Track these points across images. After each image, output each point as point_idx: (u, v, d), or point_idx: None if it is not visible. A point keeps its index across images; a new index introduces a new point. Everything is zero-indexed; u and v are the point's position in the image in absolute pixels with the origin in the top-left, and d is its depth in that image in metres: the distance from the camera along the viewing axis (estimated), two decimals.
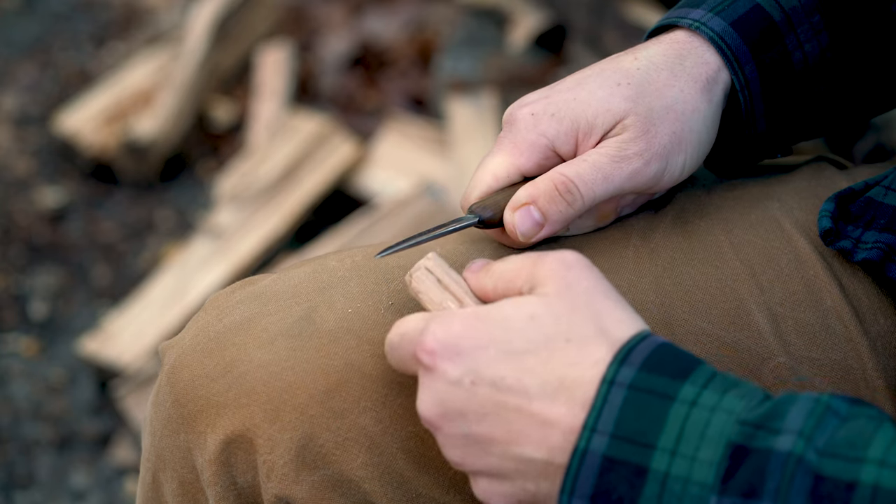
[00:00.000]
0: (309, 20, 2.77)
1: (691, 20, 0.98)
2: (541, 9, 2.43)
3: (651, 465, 0.75)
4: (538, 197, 0.93)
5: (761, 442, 0.74)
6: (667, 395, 0.77)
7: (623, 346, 0.79)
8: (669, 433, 0.76)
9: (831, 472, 0.72)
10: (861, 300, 0.96)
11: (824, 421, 0.74)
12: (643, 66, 0.96)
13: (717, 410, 0.76)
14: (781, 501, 0.72)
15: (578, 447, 0.77)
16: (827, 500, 0.72)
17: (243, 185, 2.31)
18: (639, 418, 0.76)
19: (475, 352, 0.80)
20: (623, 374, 0.77)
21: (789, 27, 0.98)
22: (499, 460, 0.80)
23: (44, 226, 2.42)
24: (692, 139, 0.96)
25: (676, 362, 0.78)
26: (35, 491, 1.97)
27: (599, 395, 0.77)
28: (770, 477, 0.73)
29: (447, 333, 0.81)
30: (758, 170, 1.06)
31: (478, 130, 2.32)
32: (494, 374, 0.79)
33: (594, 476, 0.76)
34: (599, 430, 0.77)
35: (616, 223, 1.00)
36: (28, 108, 2.68)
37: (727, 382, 0.78)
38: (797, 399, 0.76)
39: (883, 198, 0.97)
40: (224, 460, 0.93)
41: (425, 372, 0.82)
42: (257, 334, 0.94)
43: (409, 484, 0.93)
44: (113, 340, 2.09)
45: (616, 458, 0.76)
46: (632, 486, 0.76)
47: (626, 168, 0.93)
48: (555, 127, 0.95)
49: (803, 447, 0.73)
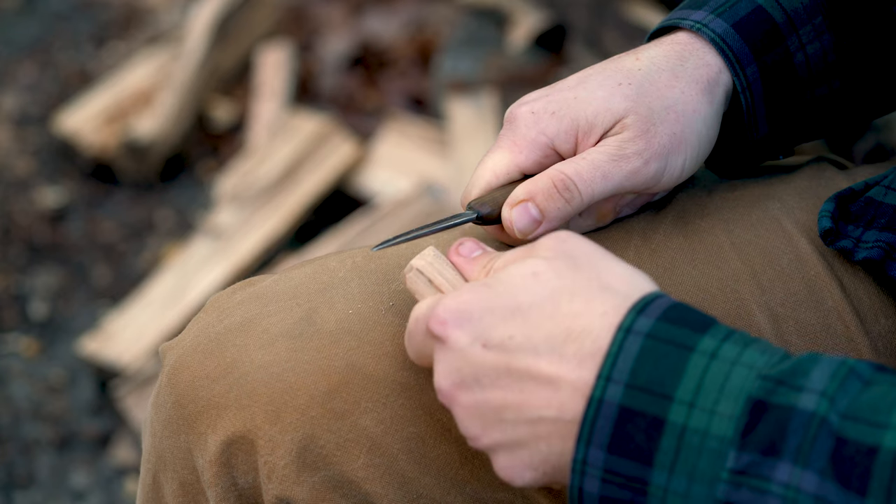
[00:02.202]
0: (309, 20, 2.77)
1: (693, 21, 0.98)
2: (541, 9, 2.43)
3: (669, 417, 0.75)
4: (536, 194, 0.93)
5: (783, 398, 0.73)
6: (685, 346, 0.76)
7: (641, 298, 0.78)
8: (688, 385, 0.75)
9: (853, 435, 0.72)
10: (862, 300, 0.96)
11: (847, 383, 0.73)
12: (644, 67, 0.96)
13: (737, 364, 0.75)
14: (802, 461, 0.72)
15: (594, 395, 0.76)
16: (848, 464, 0.71)
17: (243, 185, 2.31)
18: (656, 368, 0.75)
19: (483, 315, 0.80)
20: (640, 323, 0.77)
21: (791, 29, 0.98)
22: (513, 427, 0.79)
23: (44, 226, 2.42)
24: (692, 140, 0.96)
25: (695, 317, 0.78)
26: (35, 491, 1.97)
27: (615, 342, 0.76)
28: (792, 435, 0.72)
29: (457, 302, 0.81)
30: (758, 170, 1.06)
31: (478, 130, 2.31)
32: (503, 334, 0.79)
33: (611, 425, 0.76)
34: (614, 379, 0.76)
35: (617, 223, 1.00)
36: (28, 108, 2.68)
37: (747, 338, 0.77)
38: (820, 359, 0.75)
39: (883, 197, 0.97)
40: (225, 461, 0.93)
41: (439, 344, 0.82)
42: (258, 335, 0.94)
43: (410, 485, 0.93)
44: (113, 340, 2.09)
45: (632, 408, 0.75)
46: (649, 438, 0.75)
47: (624, 167, 0.94)
48: (555, 125, 0.95)
49: (827, 408, 0.72)
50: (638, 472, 0.75)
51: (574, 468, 0.77)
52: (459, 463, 0.93)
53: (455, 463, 0.93)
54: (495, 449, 0.81)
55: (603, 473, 0.76)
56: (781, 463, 0.72)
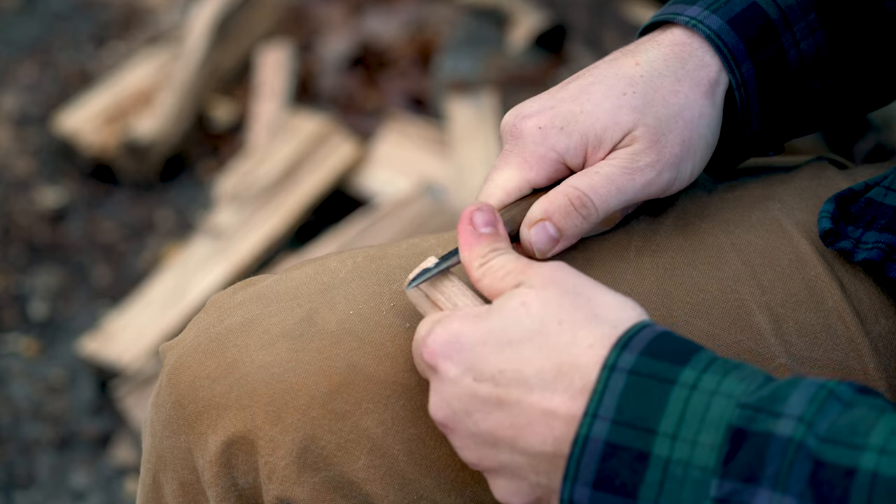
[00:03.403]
0: (309, 20, 2.77)
1: (688, 17, 0.98)
2: (541, 9, 2.43)
3: (653, 451, 0.76)
4: (553, 213, 0.92)
5: (761, 425, 0.74)
6: (667, 380, 0.77)
7: (624, 333, 0.79)
8: (670, 417, 0.76)
9: (831, 458, 0.72)
10: (862, 301, 0.96)
11: (826, 407, 0.74)
12: (646, 73, 0.96)
13: (716, 394, 0.76)
14: (781, 487, 0.72)
15: (580, 433, 0.77)
16: (826, 486, 0.72)
17: (243, 185, 2.31)
18: (640, 403, 0.76)
19: (474, 348, 0.81)
20: (624, 360, 0.78)
21: (786, 25, 0.98)
22: (510, 457, 0.80)
23: (44, 226, 2.42)
24: (700, 144, 0.96)
25: (677, 348, 0.78)
26: (35, 491, 1.97)
27: (600, 380, 0.77)
28: (770, 462, 0.73)
29: (447, 333, 0.82)
30: (758, 170, 1.06)
31: (478, 130, 2.31)
32: (493, 368, 0.80)
33: (596, 462, 0.77)
34: (601, 416, 0.77)
35: (617, 225, 1.00)
36: (28, 108, 2.68)
37: (728, 366, 0.78)
38: (800, 383, 0.76)
39: (883, 198, 0.97)
40: (225, 462, 0.93)
41: (432, 374, 0.83)
42: (259, 336, 0.94)
43: (411, 486, 0.93)
44: (113, 340, 2.09)
45: (618, 443, 0.76)
46: (634, 472, 0.76)
47: (638, 179, 0.93)
48: (564, 141, 0.94)
49: (804, 433, 0.73)
50: None
51: None
52: (460, 465, 0.93)
53: (455, 465, 0.93)
54: (492, 473, 0.83)
55: None
56: (761, 490, 0.73)
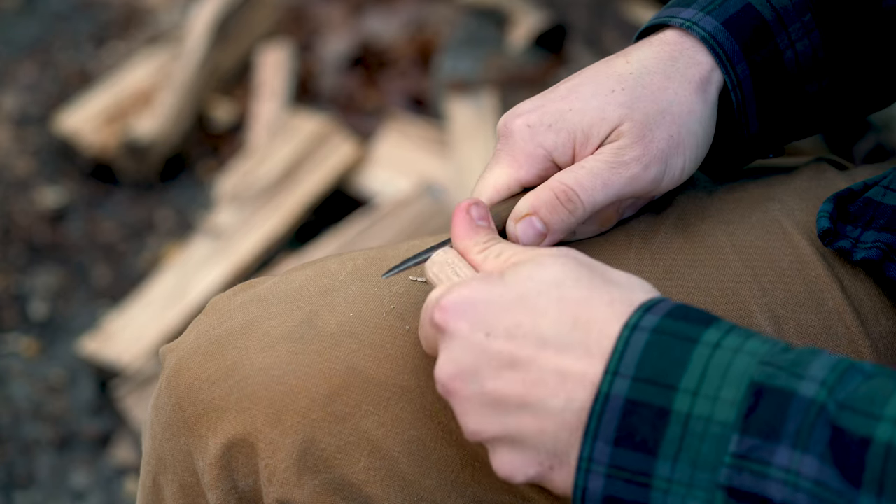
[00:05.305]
0: (309, 20, 2.77)
1: (683, 19, 0.98)
2: (541, 9, 2.43)
3: (673, 407, 0.75)
4: (539, 207, 0.93)
5: (784, 382, 0.74)
6: (689, 338, 0.77)
7: (646, 301, 0.79)
8: (692, 374, 0.76)
9: (848, 425, 0.72)
10: (863, 301, 0.96)
11: (847, 375, 0.74)
12: (636, 71, 0.96)
13: (739, 352, 0.76)
14: (801, 447, 0.72)
15: (601, 391, 0.77)
16: (843, 454, 0.72)
17: (243, 185, 2.31)
18: (661, 360, 0.76)
19: (487, 305, 0.80)
20: (647, 320, 0.78)
21: (781, 26, 0.98)
22: (515, 420, 0.79)
23: (44, 226, 2.42)
24: (690, 141, 0.96)
25: (698, 315, 0.78)
26: (35, 491, 1.98)
27: (621, 338, 0.77)
28: (791, 420, 0.73)
29: (460, 293, 0.81)
30: (758, 171, 1.06)
31: (478, 130, 2.31)
32: (509, 322, 0.79)
33: (617, 419, 0.76)
34: (621, 374, 0.76)
35: (617, 226, 1.00)
36: (28, 108, 2.68)
37: (749, 332, 0.78)
38: (821, 353, 0.76)
39: (882, 198, 0.97)
40: (225, 464, 0.93)
41: (441, 335, 0.82)
42: (259, 338, 0.94)
43: (411, 487, 0.93)
44: (113, 340, 2.09)
45: (638, 400, 0.76)
46: (654, 428, 0.75)
47: (624, 173, 0.93)
48: (552, 138, 0.95)
49: (825, 396, 0.73)
50: (643, 465, 0.76)
51: (579, 466, 0.77)
52: (460, 466, 0.93)
53: (456, 466, 0.93)
54: (494, 443, 0.81)
55: (608, 469, 0.76)
56: (780, 447, 0.73)
